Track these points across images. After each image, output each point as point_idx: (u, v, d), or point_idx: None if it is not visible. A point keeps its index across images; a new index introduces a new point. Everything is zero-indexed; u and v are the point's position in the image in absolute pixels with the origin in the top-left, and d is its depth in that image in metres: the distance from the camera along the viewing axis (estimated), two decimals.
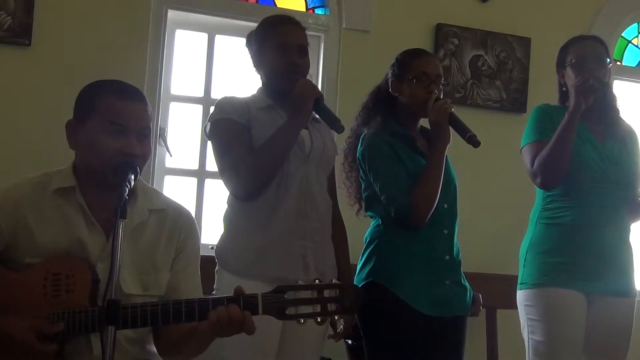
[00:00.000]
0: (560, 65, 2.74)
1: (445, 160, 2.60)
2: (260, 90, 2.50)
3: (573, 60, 2.66)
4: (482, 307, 2.77)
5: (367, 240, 2.59)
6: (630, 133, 2.76)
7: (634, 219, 2.69)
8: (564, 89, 2.74)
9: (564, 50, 2.74)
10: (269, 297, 1.69)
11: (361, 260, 2.57)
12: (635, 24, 4.42)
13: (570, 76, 2.67)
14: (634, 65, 4.43)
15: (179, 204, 2.05)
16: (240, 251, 2.35)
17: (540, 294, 2.58)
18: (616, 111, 2.75)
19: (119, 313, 1.58)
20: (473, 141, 2.45)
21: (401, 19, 3.92)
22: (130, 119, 1.84)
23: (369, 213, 2.61)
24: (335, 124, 2.35)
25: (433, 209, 2.43)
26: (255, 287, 2.06)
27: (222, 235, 2.45)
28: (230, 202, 2.44)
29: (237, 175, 2.34)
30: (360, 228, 2.66)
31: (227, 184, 2.39)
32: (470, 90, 4.00)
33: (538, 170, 2.60)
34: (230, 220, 2.43)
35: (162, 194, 2.07)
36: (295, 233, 2.36)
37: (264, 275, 2.28)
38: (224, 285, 2.33)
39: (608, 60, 2.68)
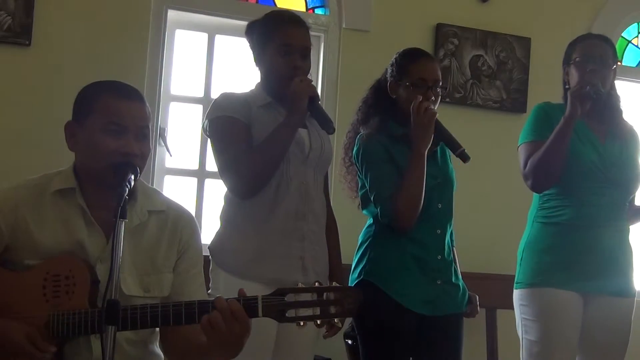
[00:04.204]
0: (566, 62, 2.71)
1: (445, 161, 2.62)
2: (258, 86, 2.49)
3: (577, 59, 2.64)
4: (482, 307, 2.77)
5: (361, 240, 2.61)
6: (632, 133, 2.74)
7: (630, 222, 2.68)
8: (567, 86, 2.71)
9: (572, 47, 2.71)
10: (269, 300, 1.68)
11: (355, 259, 2.59)
12: (635, 24, 4.42)
13: (573, 75, 2.65)
14: (634, 65, 4.43)
15: (180, 205, 2.04)
16: (238, 251, 2.34)
17: (535, 294, 2.57)
18: (619, 112, 2.73)
19: (118, 313, 1.57)
20: (463, 156, 2.45)
21: (401, 19, 3.92)
22: (128, 119, 1.83)
23: (364, 211, 2.63)
24: (327, 124, 2.35)
25: (418, 212, 2.43)
26: (252, 288, 2.06)
27: (218, 233, 2.43)
28: (228, 200, 2.44)
29: (237, 174, 2.33)
30: (358, 228, 2.67)
31: (226, 182, 2.39)
32: (470, 90, 4.00)
33: (530, 173, 2.59)
34: (228, 218, 2.42)
35: (163, 195, 2.06)
36: (293, 235, 2.36)
37: (262, 277, 2.28)
38: (221, 286, 2.32)
39: (614, 61, 2.65)
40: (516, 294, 2.65)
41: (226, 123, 2.36)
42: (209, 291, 2.31)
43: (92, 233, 1.84)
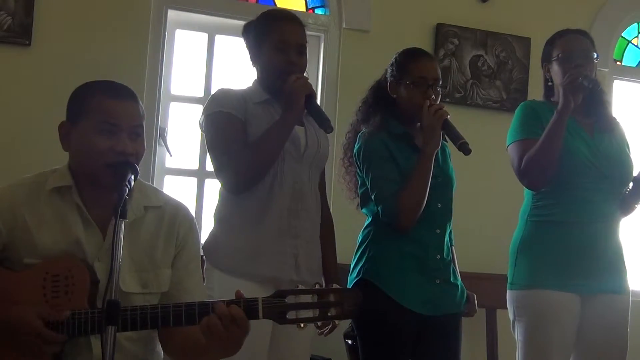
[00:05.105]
0: (546, 59, 2.69)
1: (445, 160, 2.62)
2: (256, 83, 2.48)
3: (560, 55, 2.62)
4: (482, 307, 2.77)
5: (360, 239, 2.60)
6: (616, 124, 2.73)
7: (624, 214, 2.65)
8: (549, 83, 2.69)
9: (550, 44, 2.69)
10: (269, 301, 1.68)
11: (354, 258, 2.59)
12: (635, 24, 4.43)
13: (557, 71, 2.63)
14: (634, 65, 4.43)
15: (177, 201, 2.04)
16: (232, 249, 2.34)
17: (531, 296, 2.55)
18: (605, 104, 2.71)
19: (118, 314, 1.57)
20: (464, 149, 2.41)
21: (401, 19, 3.92)
22: (121, 117, 1.83)
23: (363, 210, 2.63)
24: (324, 123, 2.34)
25: (420, 212, 2.43)
26: (247, 287, 2.06)
27: (212, 231, 2.43)
28: (222, 198, 2.43)
29: (231, 169, 2.33)
30: (357, 228, 2.66)
31: (220, 177, 2.39)
32: (470, 90, 4.00)
33: (526, 170, 2.56)
34: (222, 217, 2.42)
35: (160, 191, 2.06)
36: (287, 233, 2.36)
37: (256, 275, 2.29)
38: (216, 285, 2.31)
39: (595, 55, 2.64)
40: (511, 295, 2.62)
41: (222, 119, 2.36)
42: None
43: (89, 231, 1.84)
